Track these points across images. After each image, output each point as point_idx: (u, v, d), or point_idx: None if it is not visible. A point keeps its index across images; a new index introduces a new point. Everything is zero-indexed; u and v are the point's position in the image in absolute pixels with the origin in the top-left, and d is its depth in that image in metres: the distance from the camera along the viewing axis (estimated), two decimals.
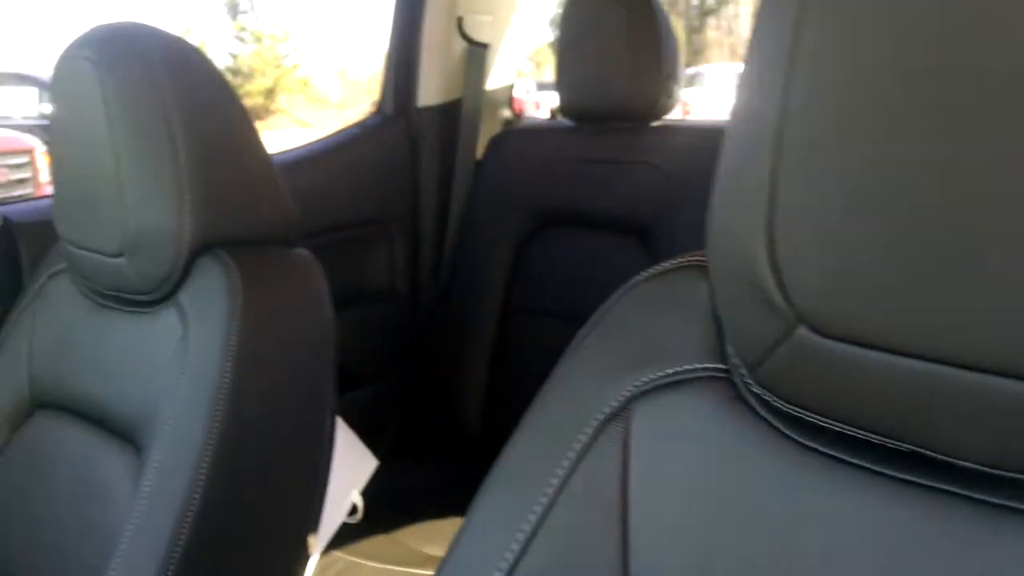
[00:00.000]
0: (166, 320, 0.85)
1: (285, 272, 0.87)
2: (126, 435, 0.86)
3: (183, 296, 0.84)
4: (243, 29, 19.74)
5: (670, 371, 0.46)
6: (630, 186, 1.45)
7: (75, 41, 0.86)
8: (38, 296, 1.01)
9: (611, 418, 0.48)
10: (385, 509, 1.29)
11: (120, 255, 0.85)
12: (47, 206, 1.26)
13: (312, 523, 0.83)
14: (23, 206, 1.24)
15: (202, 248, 0.84)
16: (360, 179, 1.64)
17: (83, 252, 0.89)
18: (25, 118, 6.62)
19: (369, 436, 1.35)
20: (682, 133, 1.46)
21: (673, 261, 0.51)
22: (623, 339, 0.50)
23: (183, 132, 0.82)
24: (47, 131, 1.15)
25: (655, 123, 1.49)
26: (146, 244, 0.84)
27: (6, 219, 1.16)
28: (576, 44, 1.49)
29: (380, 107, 1.71)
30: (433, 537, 1.26)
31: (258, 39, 19.37)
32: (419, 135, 1.70)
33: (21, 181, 5.22)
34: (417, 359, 1.73)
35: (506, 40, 1.74)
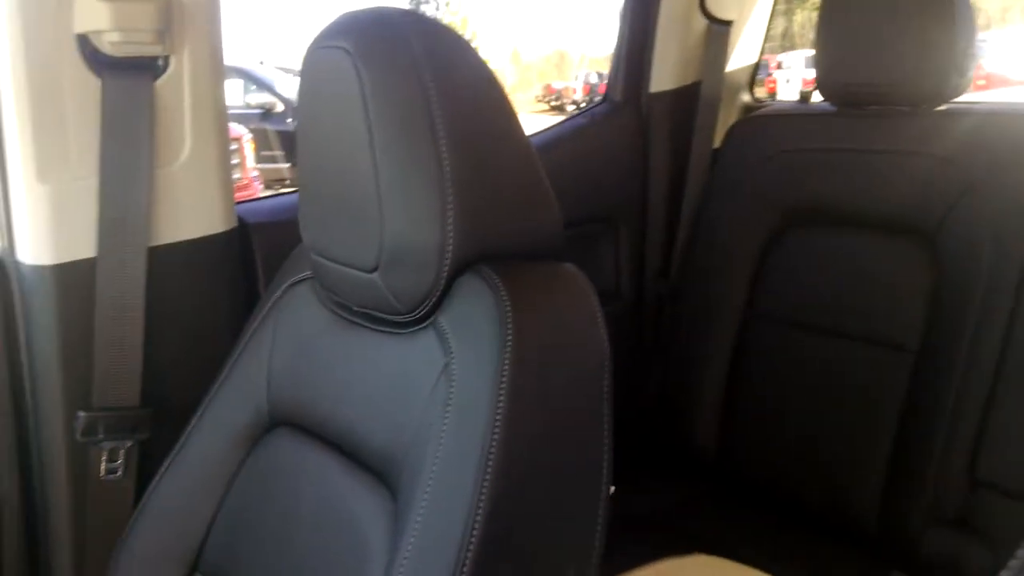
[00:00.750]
0: (424, 346, 0.75)
1: (556, 291, 0.75)
2: (377, 469, 0.77)
3: (443, 319, 0.74)
4: None
5: None
6: (910, 181, 1.24)
7: (327, 29, 0.77)
8: (277, 306, 0.94)
9: None
10: (615, 543, 1.16)
11: (374, 270, 0.76)
12: (279, 205, 1.21)
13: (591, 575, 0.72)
14: (255, 205, 1.20)
15: (465, 264, 0.74)
16: (585, 173, 1.52)
17: (332, 264, 0.81)
18: (230, 108, 7.00)
19: None
20: (979, 119, 1.22)
21: None
22: None
23: (447, 133, 0.72)
24: (250, 120, 1.10)
25: (941, 107, 1.26)
26: (404, 260, 0.74)
27: (242, 220, 1.12)
28: (845, 12, 1.28)
29: (608, 94, 1.57)
30: None
31: None
32: (650, 123, 1.55)
33: (232, 166, 5.52)
34: (641, 369, 1.59)
35: (752, 16, 1.56)
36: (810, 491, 1.35)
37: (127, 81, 0.95)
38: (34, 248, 0.96)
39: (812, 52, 1.34)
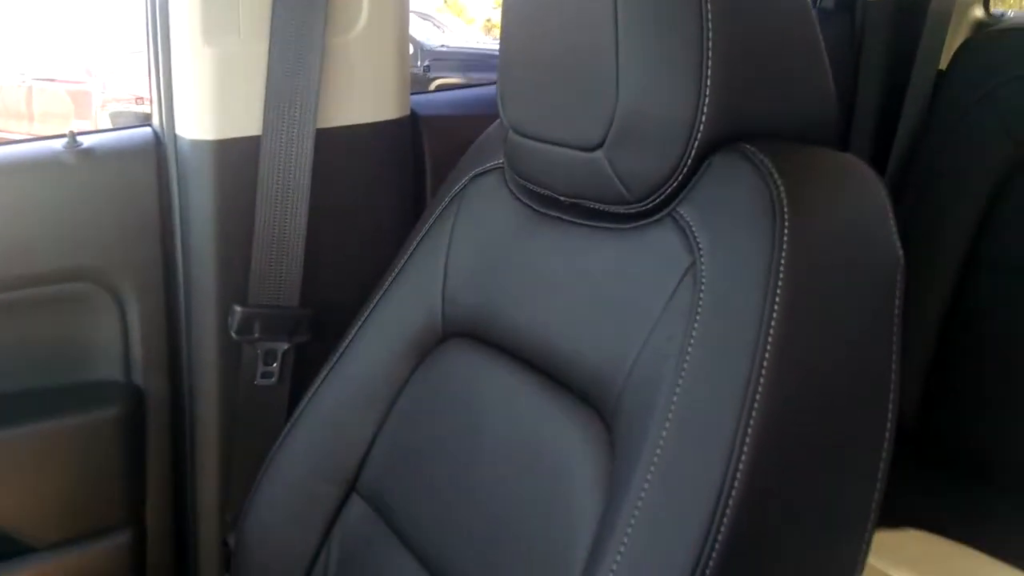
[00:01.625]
0: (658, 242, 0.60)
1: (839, 182, 0.59)
2: (583, 390, 0.63)
3: (687, 209, 0.59)
4: None
5: None
6: None
7: None
8: (458, 200, 0.81)
9: None
10: None
11: (598, 147, 0.61)
12: (453, 99, 1.09)
13: (863, 550, 0.56)
14: (427, 98, 1.08)
15: (718, 141, 0.59)
16: None
17: (540, 145, 0.67)
18: None
19: None
20: None
21: None
22: None
23: None
24: None
25: None
26: (641, 131, 0.59)
27: (413, 112, 0.99)
28: None
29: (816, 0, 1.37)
30: (882, 553, 0.96)
31: None
32: (864, 36, 1.34)
33: None
34: None
35: None
36: None
37: None
38: (195, 121, 0.86)
39: None
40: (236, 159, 0.87)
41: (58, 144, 0.88)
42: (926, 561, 0.99)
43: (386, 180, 0.96)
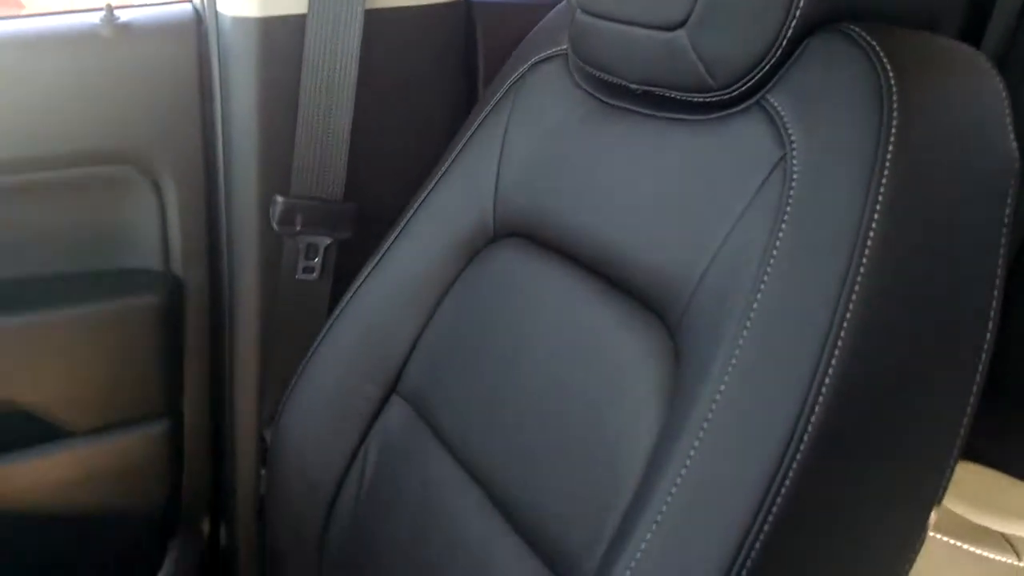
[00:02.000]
0: (743, 135, 0.55)
1: (953, 72, 0.52)
2: (647, 295, 0.59)
3: (778, 97, 0.53)
4: None
5: None
6: None
7: None
8: (515, 89, 0.76)
9: None
10: None
11: (680, 25, 0.55)
12: None
13: (946, 478, 0.52)
14: None
15: (815, 21, 0.52)
16: None
17: (612, 25, 0.61)
18: None
19: None
20: None
21: None
22: None
23: None
24: None
25: None
26: (732, 6, 0.53)
27: None
28: None
29: None
30: (964, 495, 0.92)
31: None
32: None
33: None
34: None
35: None
36: None
37: None
38: None
39: None
40: (280, 39, 0.81)
41: (95, 18, 0.83)
42: (983, 495, 0.95)
43: (437, 68, 0.90)
